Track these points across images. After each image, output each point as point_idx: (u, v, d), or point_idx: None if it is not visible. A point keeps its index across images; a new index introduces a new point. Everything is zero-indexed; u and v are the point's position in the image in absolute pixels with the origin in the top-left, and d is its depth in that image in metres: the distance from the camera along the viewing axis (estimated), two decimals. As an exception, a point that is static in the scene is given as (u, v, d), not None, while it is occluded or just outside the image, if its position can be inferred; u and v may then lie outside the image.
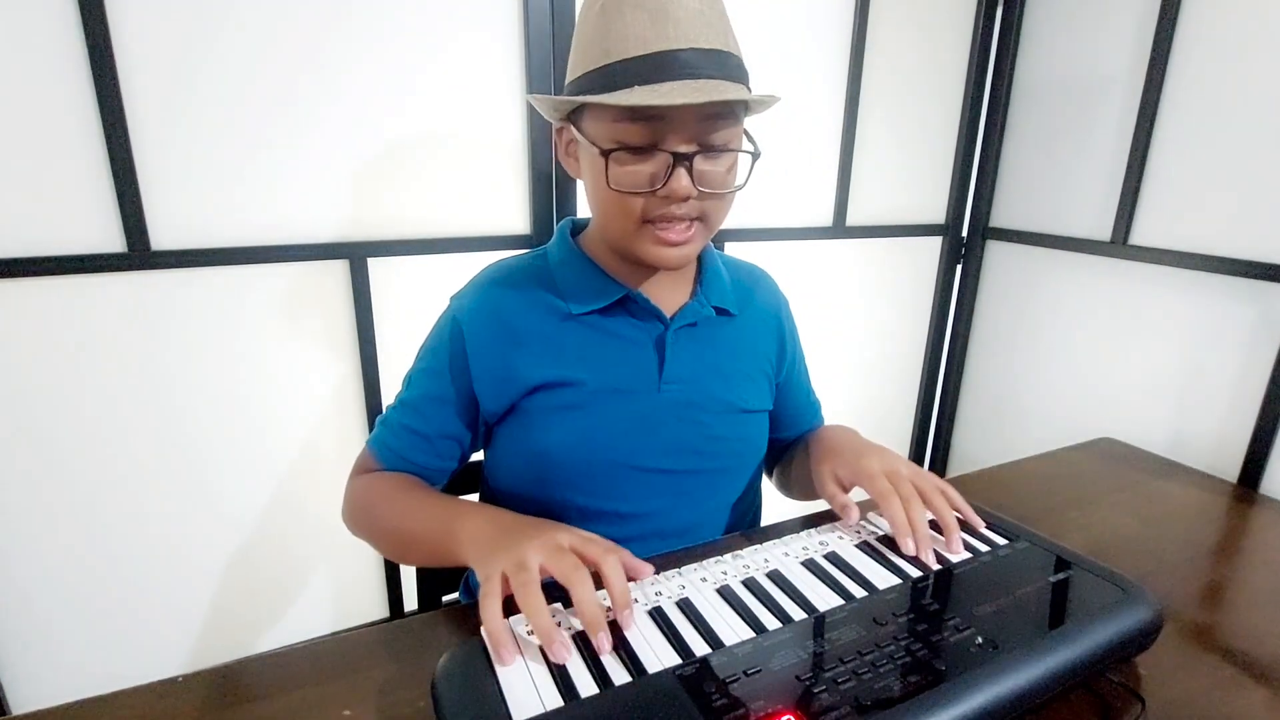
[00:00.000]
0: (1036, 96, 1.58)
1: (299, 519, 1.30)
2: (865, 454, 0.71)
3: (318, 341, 1.23)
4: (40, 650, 1.15)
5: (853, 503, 0.70)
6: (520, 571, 0.53)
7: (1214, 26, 1.24)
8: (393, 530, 0.71)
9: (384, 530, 0.73)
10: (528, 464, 0.74)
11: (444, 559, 0.64)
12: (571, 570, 0.53)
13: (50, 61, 0.97)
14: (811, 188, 1.57)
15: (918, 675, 0.48)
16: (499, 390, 0.72)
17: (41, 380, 1.05)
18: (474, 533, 0.61)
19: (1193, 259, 1.28)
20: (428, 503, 0.70)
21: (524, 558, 0.54)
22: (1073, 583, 0.60)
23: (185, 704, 0.54)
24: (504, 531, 0.59)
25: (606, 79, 0.61)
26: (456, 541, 0.62)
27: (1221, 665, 0.63)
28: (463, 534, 0.62)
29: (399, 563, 0.80)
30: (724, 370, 0.77)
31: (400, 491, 0.72)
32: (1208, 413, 1.28)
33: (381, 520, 0.72)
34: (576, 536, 0.57)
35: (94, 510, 1.13)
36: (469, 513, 0.65)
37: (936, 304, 1.81)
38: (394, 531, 0.71)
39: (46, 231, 1.01)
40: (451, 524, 0.64)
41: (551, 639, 0.50)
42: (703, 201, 0.65)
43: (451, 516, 0.65)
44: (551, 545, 0.55)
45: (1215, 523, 0.94)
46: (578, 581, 0.53)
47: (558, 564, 0.54)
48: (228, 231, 1.12)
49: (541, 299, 0.73)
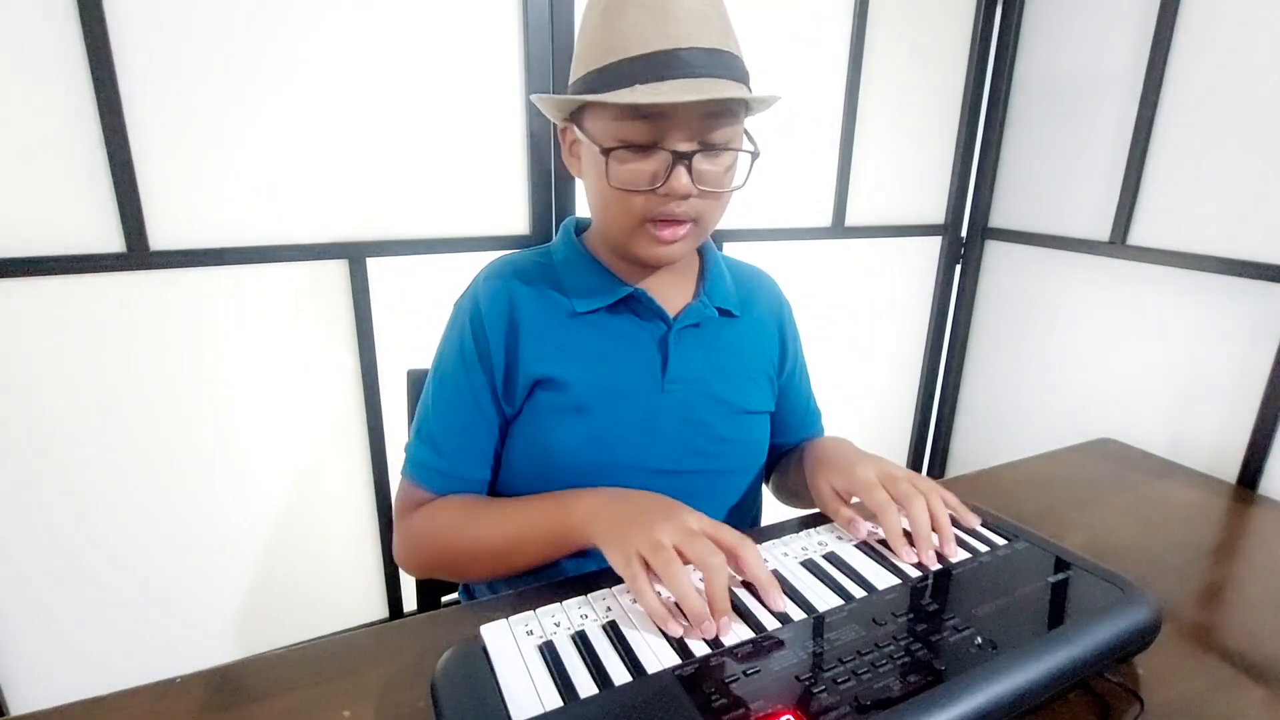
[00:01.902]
0: (1036, 96, 1.58)
1: (299, 519, 1.30)
2: (860, 463, 0.71)
3: (317, 341, 1.23)
4: (40, 650, 1.15)
5: (859, 518, 0.69)
6: (659, 551, 0.54)
7: (1213, 26, 1.24)
8: (490, 547, 0.69)
9: (477, 552, 0.70)
10: (531, 464, 0.73)
11: (560, 549, 0.65)
12: (709, 555, 0.54)
13: (49, 61, 0.97)
14: (811, 188, 1.57)
15: (917, 675, 0.48)
16: (510, 382, 0.72)
17: (40, 380, 1.05)
18: (596, 511, 0.62)
19: (1192, 259, 1.28)
20: (519, 506, 0.69)
21: (659, 538, 0.55)
22: (1072, 583, 0.60)
23: (184, 704, 0.54)
24: (631, 510, 0.60)
25: (608, 78, 0.62)
26: (574, 525, 0.62)
27: (1220, 665, 0.63)
28: (581, 515, 0.62)
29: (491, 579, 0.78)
30: (727, 371, 0.77)
31: (476, 509, 0.71)
32: (1207, 413, 1.28)
33: (470, 543, 0.70)
34: (705, 521, 0.58)
35: (93, 510, 1.13)
36: (579, 495, 0.65)
37: (935, 304, 1.81)
38: (492, 548, 0.69)
39: (45, 231, 1.01)
40: (563, 511, 0.64)
41: (703, 618, 0.51)
42: (701, 200, 0.66)
43: (558, 505, 0.65)
44: (684, 528, 0.56)
45: (1214, 523, 0.94)
46: (715, 568, 0.53)
47: (693, 548, 0.54)
48: (226, 231, 1.12)
49: (547, 296, 0.73)
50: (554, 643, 0.53)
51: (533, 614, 0.56)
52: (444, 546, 0.71)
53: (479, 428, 0.73)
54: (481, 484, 0.74)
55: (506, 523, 0.68)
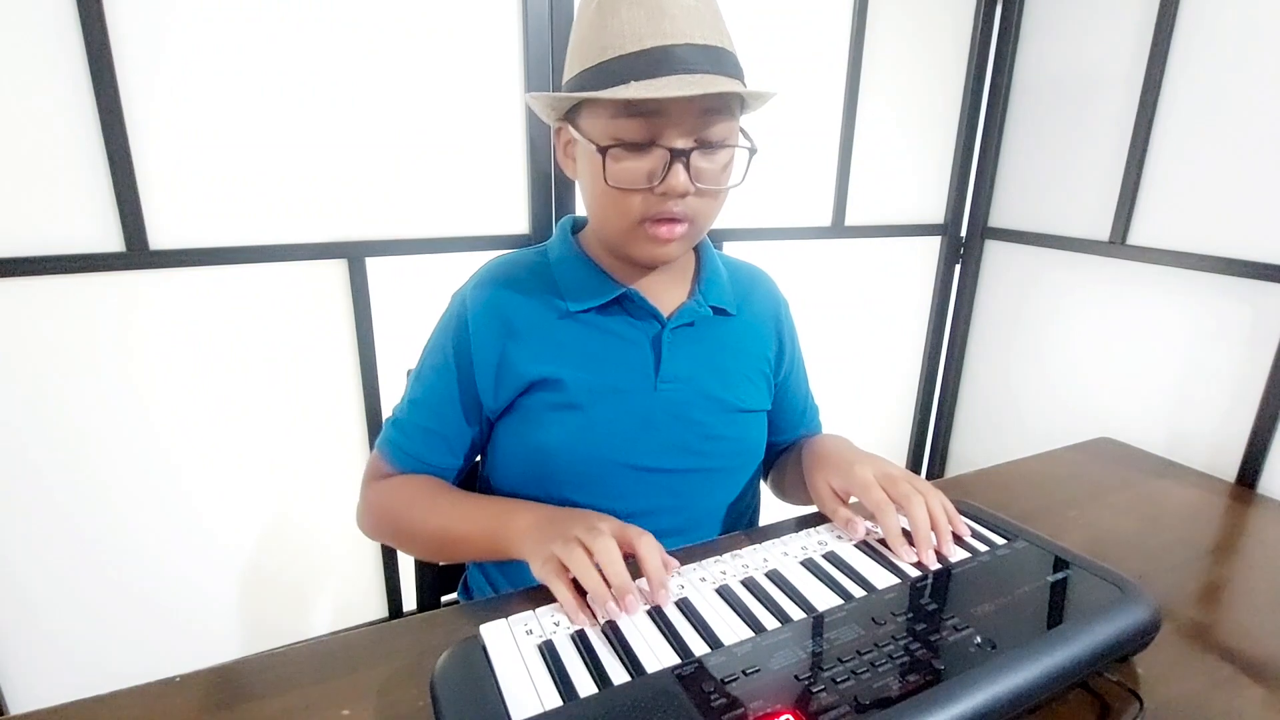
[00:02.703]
0: (1035, 96, 1.58)
1: (299, 518, 1.30)
2: (858, 462, 0.71)
3: (316, 341, 1.23)
4: (40, 650, 1.15)
5: (857, 518, 0.69)
6: (567, 544, 0.58)
7: (1213, 26, 1.24)
8: (431, 532, 0.72)
9: (417, 533, 0.74)
10: (525, 462, 0.74)
11: (493, 556, 0.69)
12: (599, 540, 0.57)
13: (49, 61, 0.97)
14: (810, 187, 1.57)
15: (916, 675, 0.48)
16: (498, 385, 0.72)
17: (40, 379, 1.05)
18: (526, 528, 0.65)
19: (1191, 259, 1.28)
20: (467, 504, 0.72)
21: (570, 538, 0.59)
22: (1071, 582, 0.60)
23: (184, 704, 0.54)
24: (551, 522, 0.64)
25: (603, 75, 0.62)
26: (508, 539, 0.66)
27: (1219, 664, 0.63)
28: (514, 531, 0.65)
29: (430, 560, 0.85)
30: (721, 370, 0.77)
31: (430, 494, 0.74)
32: (1206, 412, 1.28)
33: (413, 524, 0.73)
34: (615, 524, 0.61)
35: (93, 510, 1.13)
36: (516, 510, 0.68)
37: (935, 304, 1.81)
38: (433, 533, 0.72)
39: (45, 231, 1.01)
40: (501, 522, 0.67)
41: (604, 596, 0.55)
42: (698, 200, 0.66)
43: (498, 514, 0.69)
44: (592, 528, 0.59)
45: (1213, 522, 0.94)
46: (604, 549, 0.57)
47: (593, 540, 0.57)
48: (226, 231, 1.12)
49: (541, 296, 0.73)
50: (553, 642, 0.53)
51: (532, 614, 0.56)
52: (394, 521, 0.75)
53: (448, 419, 0.75)
54: (444, 470, 0.77)
55: (453, 518, 0.71)
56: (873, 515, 0.67)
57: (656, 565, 0.58)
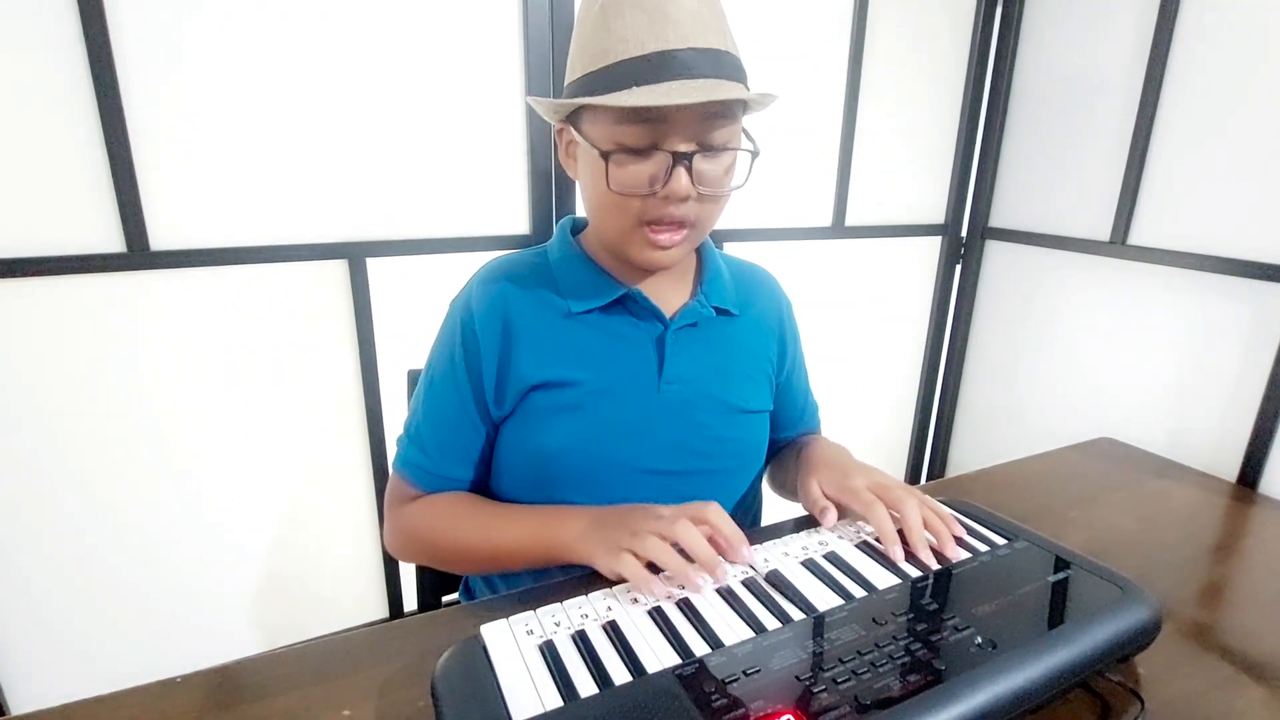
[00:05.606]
0: (1036, 96, 1.58)
1: (299, 518, 1.30)
2: (853, 472, 0.71)
3: (317, 341, 1.23)
4: (40, 650, 1.15)
5: (831, 506, 0.70)
6: (637, 536, 0.60)
7: (1213, 26, 1.24)
8: (475, 549, 0.72)
9: (461, 551, 0.73)
10: (528, 465, 0.73)
11: (546, 564, 0.69)
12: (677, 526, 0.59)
13: (50, 62, 0.97)
14: (811, 188, 1.57)
15: (917, 675, 0.48)
16: (503, 387, 0.72)
17: (40, 380, 1.05)
18: (583, 531, 0.65)
19: (1191, 259, 1.28)
20: (508, 515, 0.72)
21: (637, 531, 0.60)
22: (1072, 582, 0.60)
23: (185, 704, 0.54)
24: (605, 522, 0.64)
25: (605, 80, 0.61)
26: (564, 545, 0.66)
27: (1220, 664, 0.63)
28: (569, 536, 0.66)
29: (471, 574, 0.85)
30: (724, 370, 0.77)
31: (467, 511, 0.73)
32: (1206, 412, 1.28)
33: (455, 542, 0.73)
34: (675, 508, 0.63)
35: (94, 510, 1.13)
36: (565, 516, 0.68)
37: (936, 304, 1.81)
38: (477, 550, 0.72)
39: (46, 231, 1.01)
40: (550, 531, 0.67)
41: (688, 574, 0.57)
42: (700, 204, 0.66)
43: (546, 523, 0.68)
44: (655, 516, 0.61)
45: (1214, 522, 0.94)
46: (684, 532, 0.59)
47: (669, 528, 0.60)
48: (227, 231, 1.12)
49: (542, 297, 0.73)
50: (554, 642, 0.53)
51: (533, 614, 0.56)
52: (434, 542, 0.74)
53: (465, 431, 0.74)
54: (465, 483, 0.77)
55: (497, 532, 0.70)
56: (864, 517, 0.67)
57: (733, 528, 0.61)
